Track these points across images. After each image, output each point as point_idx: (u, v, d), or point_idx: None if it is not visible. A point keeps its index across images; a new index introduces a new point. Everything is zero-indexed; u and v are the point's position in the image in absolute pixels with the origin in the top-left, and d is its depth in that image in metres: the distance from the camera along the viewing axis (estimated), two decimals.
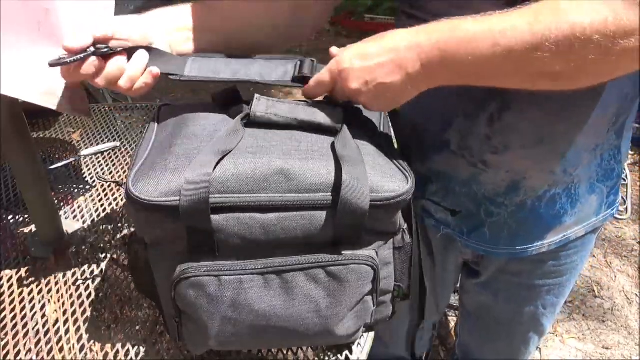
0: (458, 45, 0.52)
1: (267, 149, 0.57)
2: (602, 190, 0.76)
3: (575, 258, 0.83)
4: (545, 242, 0.77)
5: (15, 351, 0.70)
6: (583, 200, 0.74)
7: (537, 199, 0.72)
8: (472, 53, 0.51)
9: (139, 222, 0.58)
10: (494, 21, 0.51)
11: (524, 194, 0.72)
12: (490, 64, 0.52)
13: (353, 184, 0.53)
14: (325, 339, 0.62)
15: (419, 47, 0.54)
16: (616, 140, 0.71)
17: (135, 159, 0.60)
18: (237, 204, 0.54)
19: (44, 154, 1.16)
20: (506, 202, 0.73)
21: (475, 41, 0.51)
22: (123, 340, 0.72)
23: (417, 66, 0.54)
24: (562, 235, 0.77)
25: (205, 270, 0.55)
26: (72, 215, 0.98)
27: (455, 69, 0.54)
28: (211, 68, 0.65)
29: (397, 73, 0.55)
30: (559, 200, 0.73)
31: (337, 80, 0.59)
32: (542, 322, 0.92)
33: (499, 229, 0.76)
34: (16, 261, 0.86)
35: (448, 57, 0.53)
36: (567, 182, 0.71)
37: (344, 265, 0.56)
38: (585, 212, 0.76)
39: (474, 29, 0.51)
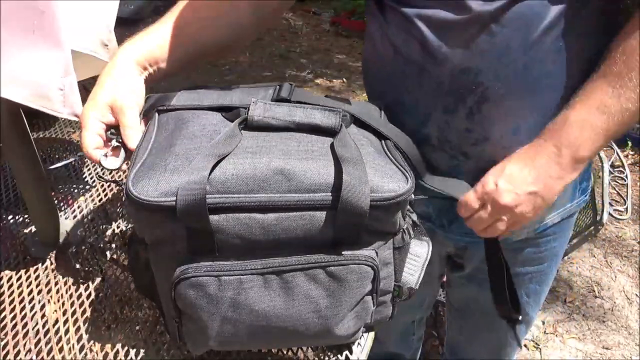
0: (582, 136, 0.62)
1: (267, 149, 0.57)
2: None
3: (555, 244, 0.86)
4: (523, 229, 0.79)
5: (15, 351, 0.70)
6: None
7: None
8: (595, 132, 0.61)
9: (139, 222, 0.58)
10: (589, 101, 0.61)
11: None
12: (613, 130, 0.61)
13: (353, 184, 0.53)
14: (325, 339, 0.62)
15: (560, 165, 0.63)
16: None
17: (135, 159, 0.60)
18: (236, 204, 0.53)
19: (44, 154, 1.16)
20: None
21: (589, 125, 0.61)
22: (123, 340, 0.72)
23: (558, 171, 0.64)
24: (540, 221, 0.80)
25: (205, 271, 0.55)
26: (72, 215, 0.98)
27: (589, 154, 0.63)
28: (195, 98, 0.68)
29: (548, 179, 0.64)
30: None
31: (485, 199, 0.66)
32: (527, 311, 0.93)
33: None
34: (16, 261, 0.86)
35: (580, 150, 0.62)
36: None
37: (344, 265, 0.56)
38: (560, 198, 0.78)
39: (581, 117, 0.61)
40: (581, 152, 0.62)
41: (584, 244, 1.49)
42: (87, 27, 0.74)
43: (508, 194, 0.64)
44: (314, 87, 3.80)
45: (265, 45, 4.51)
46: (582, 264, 2.10)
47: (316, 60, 4.27)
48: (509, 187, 0.64)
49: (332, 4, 5.39)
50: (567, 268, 2.07)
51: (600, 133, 0.61)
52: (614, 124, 0.60)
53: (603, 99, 0.60)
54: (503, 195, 0.64)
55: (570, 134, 0.61)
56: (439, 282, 1.09)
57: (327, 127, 0.62)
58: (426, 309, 1.20)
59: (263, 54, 4.32)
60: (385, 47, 0.72)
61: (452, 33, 0.64)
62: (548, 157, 0.63)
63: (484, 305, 0.94)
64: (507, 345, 1.02)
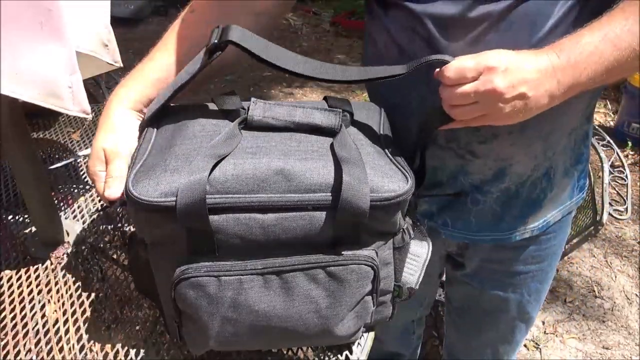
0: (587, 60, 0.57)
1: (267, 149, 0.57)
2: (574, 174, 0.80)
3: (554, 242, 0.86)
4: (527, 227, 0.80)
5: (15, 351, 0.70)
6: (559, 183, 0.78)
7: (521, 184, 0.75)
8: (599, 62, 0.57)
9: (138, 222, 0.58)
10: (604, 28, 0.57)
11: (509, 180, 0.74)
12: (612, 67, 0.57)
13: (354, 184, 0.53)
14: (325, 339, 0.62)
15: (557, 70, 0.57)
16: (586, 124, 0.76)
17: (135, 160, 0.60)
18: (236, 204, 0.54)
19: (44, 154, 1.16)
20: (492, 189, 0.75)
21: (599, 52, 0.56)
22: (123, 340, 0.72)
23: (555, 87, 0.58)
24: (543, 219, 0.80)
25: (205, 271, 0.55)
26: (72, 215, 0.98)
27: (585, 81, 0.58)
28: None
29: (542, 90, 0.58)
30: (539, 184, 0.76)
31: (482, 73, 0.56)
32: (527, 309, 0.94)
33: (484, 216, 0.78)
34: (16, 261, 0.86)
35: (582, 75, 0.57)
36: (546, 166, 0.74)
37: (344, 266, 0.56)
38: (560, 195, 0.80)
39: (593, 41, 0.57)
40: (582, 77, 0.58)
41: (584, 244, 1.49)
42: (87, 28, 0.74)
43: (505, 78, 0.56)
44: (314, 87, 3.80)
45: None
46: (582, 264, 2.10)
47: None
48: (508, 74, 0.56)
49: (332, 4, 5.39)
50: (567, 268, 2.07)
51: (604, 65, 0.57)
52: (618, 60, 0.58)
53: (617, 31, 0.57)
54: (500, 77, 0.55)
55: (579, 55, 0.57)
56: (439, 281, 1.09)
57: (327, 128, 0.62)
58: (426, 307, 1.19)
59: None
60: (389, 47, 0.71)
61: (459, 31, 0.64)
62: (552, 69, 0.57)
63: (484, 304, 0.95)
64: (507, 345, 1.02)
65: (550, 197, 0.78)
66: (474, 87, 0.56)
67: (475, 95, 0.56)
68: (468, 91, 0.56)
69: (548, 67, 0.56)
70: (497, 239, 0.81)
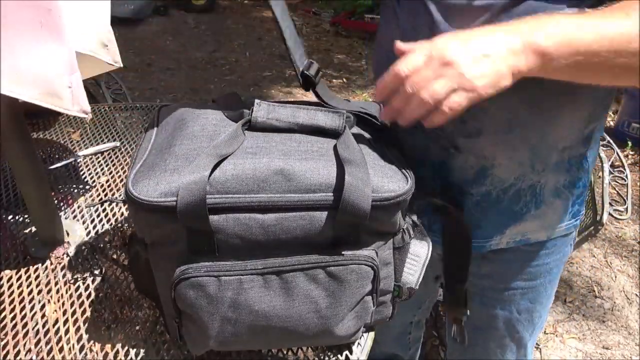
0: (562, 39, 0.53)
1: (267, 149, 0.57)
2: (567, 197, 0.75)
3: (548, 260, 0.82)
4: (504, 236, 0.77)
5: (15, 351, 0.70)
6: (548, 202, 0.74)
7: (502, 191, 0.73)
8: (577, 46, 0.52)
9: (138, 222, 0.58)
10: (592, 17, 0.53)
11: (491, 184, 0.72)
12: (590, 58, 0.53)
13: (356, 185, 0.53)
14: (325, 339, 0.62)
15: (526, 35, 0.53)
16: (583, 147, 0.72)
17: (135, 159, 0.60)
18: (236, 204, 0.54)
19: (44, 154, 1.16)
20: (472, 190, 0.73)
21: (580, 35, 0.52)
22: (123, 340, 0.72)
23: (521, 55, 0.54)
24: (522, 234, 0.77)
25: (205, 271, 0.55)
26: (72, 215, 0.98)
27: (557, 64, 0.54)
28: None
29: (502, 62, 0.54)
30: (524, 197, 0.73)
31: (432, 54, 0.54)
32: (517, 328, 0.90)
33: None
34: (16, 261, 0.86)
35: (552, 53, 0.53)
36: (533, 179, 0.72)
37: (344, 266, 0.56)
38: (549, 216, 0.76)
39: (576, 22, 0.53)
40: (538, 38, 0.53)
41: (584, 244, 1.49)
42: (87, 28, 0.74)
43: (458, 48, 0.53)
44: None
45: (265, 45, 4.51)
46: (582, 264, 2.10)
47: (316, 60, 4.23)
48: (461, 45, 0.54)
49: (332, 4, 5.39)
50: (567, 268, 2.07)
51: (566, 35, 0.53)
52: (583, 39, 0.53)
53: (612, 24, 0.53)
54: (452, 48, 0.53)
55: (535, 17, 0.54)
56: (437, 283, 1.07)
57: (331, 129, 0.62)
58: (425, 310, 1.17)
59: (263, 54, 4.32)
60: (395, 33, 0.70)
61: (461, 19, 0.63)
62: (508, 29, 0.54)
63: (474, 319, 0.91)
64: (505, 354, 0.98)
65: (535, 213, 0.75)
66: (432, 70, 0.54)
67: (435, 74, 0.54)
68: (428, 75, 0.55)
69: (501, 33, 0.54)
70: (473, 248, 0.78)
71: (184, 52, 4.20)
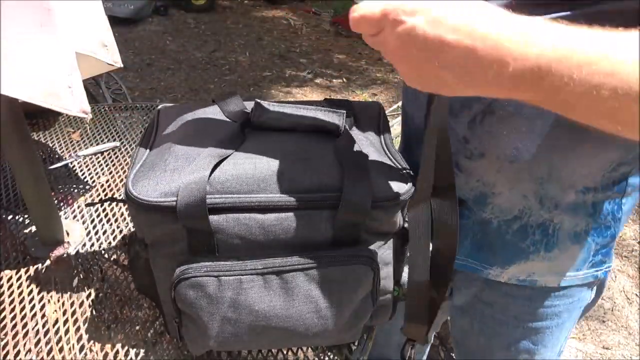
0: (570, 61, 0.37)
1: (267, 149, 0.58)
2: (589, 245, 0.67)
3: (557, 303, 0.73)
4: (505, 271, 0.70)
5: (15, 351, 0.70)
6: (562, 247, 0.67)
7: (505, 223, 0.67)
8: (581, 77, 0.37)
9: (138, 222, 0.58)
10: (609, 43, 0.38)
11: (491, 212, 0.67)
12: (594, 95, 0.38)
13: (355, 185, 0.53)
14: (325, 339, 0.62)
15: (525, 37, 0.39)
16: (616, 193, 0.63)
17: (134, 159, 0.60)
18: (236, 204, 0.54)
19: (44, 154, 1.16)
20: (471, 214, 0.69)
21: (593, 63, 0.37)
22: (123, 340, 0.72)
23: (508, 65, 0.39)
24: (528, 274, 0.70)
25: (205, 271, 0.55)
26: (72, 215, 0.98)
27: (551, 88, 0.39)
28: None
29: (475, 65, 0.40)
30: (531, 234, 0.67)
31: (386, 24, 0.42)
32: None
33: (463, 236, 0.71)
34: (16, 261, 0.86)
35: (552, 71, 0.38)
36: (544, 217, 0.65)
37: (344, 266, 0.56)
38: (562, 261, 0.68)
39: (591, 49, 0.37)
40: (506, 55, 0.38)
41: None
42: (87, 28, 0.74)
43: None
44: (314, 87, 3.80)
45: (265, 45, 4.51)
46: None
47: (316, 60, 4.27)
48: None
49: (332, 4, 5.39)
50: None
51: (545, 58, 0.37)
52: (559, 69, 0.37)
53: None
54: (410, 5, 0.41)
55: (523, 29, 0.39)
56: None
57: (331, 128, 0.62)
58: (434, 327, 1.04)
59: (263, 54, 4.32)
60: None
61: None
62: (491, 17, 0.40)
63: (472, 345, 0.86)
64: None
65: (544, 255, 0.68)
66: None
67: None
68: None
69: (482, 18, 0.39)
70: (469, 267, 0.73)
71: (184, 52, 4.20)
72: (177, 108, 0.69)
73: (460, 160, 0.66)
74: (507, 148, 0.61)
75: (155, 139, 0.64)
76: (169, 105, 0.72)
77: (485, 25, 0.39)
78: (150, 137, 0.65)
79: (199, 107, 0.68)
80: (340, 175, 0.55)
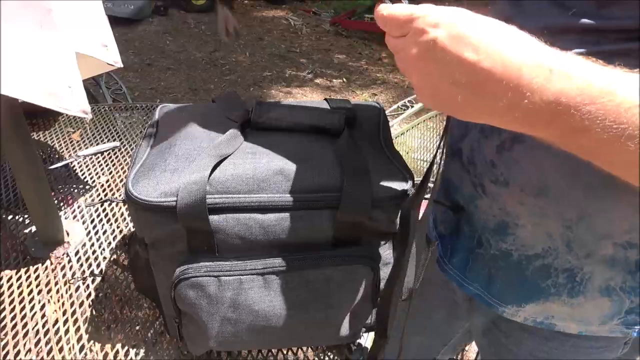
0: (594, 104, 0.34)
1: (267, 149, 0.58)
2: (622, 302, 0.60)
3: (578, 350, 0.67)
4: (521, 310, 0.65)
5: (15, 351, 0.70)
6: (589, 296, 0.60)
7: (526, 259, 0.62)
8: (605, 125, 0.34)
9: (138, 222, 0.58)
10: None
11: (512, 243, 0.62)
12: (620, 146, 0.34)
13: (355, 185, 0.53)
14: (325, 339, 0.62)
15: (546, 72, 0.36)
16: None
17: (134, 159, 0.60)
18: (236, 204, 0.54)
19: (44, 154, 1.16)
20: (492, 241, 0.64)
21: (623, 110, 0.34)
22: (123, 340, 0.72)
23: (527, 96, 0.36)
24: (546, 316, 0.64)
25: (205, 271, 0.55)
26: (72, 215, 0.98)
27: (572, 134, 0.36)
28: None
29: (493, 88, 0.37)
30: (554, 276, 0.61)
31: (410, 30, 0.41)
32: None
33: (481, 265, 0.67)
34: (16, 261, 0.86)
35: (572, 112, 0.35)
36: (571, 262, 0.58)
37: (344, 266, 0.56)
38: (586, 310, 0.61)
39: (620, 97, 0.34)
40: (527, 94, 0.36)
41: None
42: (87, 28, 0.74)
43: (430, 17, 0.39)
44: (314, 87, 3.81)
45: (265, 45, 4.51)
46: None
47: (316, 60, 4.27)
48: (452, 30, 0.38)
49: (332, 4, 5.40)
50: None
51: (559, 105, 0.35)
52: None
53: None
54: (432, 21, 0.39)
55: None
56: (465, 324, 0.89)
57: (330, 128, 0.62)
58: (450, 350, 1.00)
59: (263, 54, 4.32)
60: None
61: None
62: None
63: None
64: None
65: (566, 300, 0.61)
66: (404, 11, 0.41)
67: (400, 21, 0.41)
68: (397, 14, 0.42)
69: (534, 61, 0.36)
70: (483, 300, 0.68)
71: (184, 52, 4.20)
72: (177, 108, 0.69)
73: (485, 183, 0.62)
74: (532, 180, 0.56)
75: (155, 139, 0.64)
76: (169, 105, 0.72)
77: (508, 49, 0.37)
78: (151, 137, 0.65)
79: (199, 107, 0.68)
80: (340, 175, 0.55)
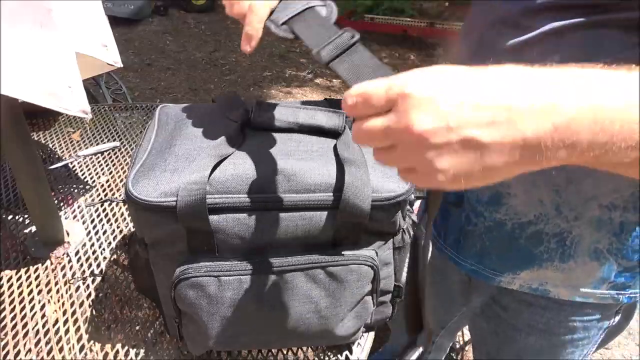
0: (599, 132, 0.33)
1: (267, 149, 0.58)
2: (610, 265, 0.63)
3: (573, 318, 0.70)
4: (516, 277, 0.68)
5: (15, 351, 0.70)
6: (579, 260, 0.64)
7: (519, 226, 0.65)
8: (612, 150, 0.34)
9: (138, 222, 0.58)
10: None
11: (505, 213, 0.65)
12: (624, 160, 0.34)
13: (356, 185, 0.53)
14: (325, 339, 0.62)
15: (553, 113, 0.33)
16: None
17: (135, 159, 0.60)
18: (236, 204, 0.54)
19: (44, 154, 1.16)
20: (486, 213, 0.67)
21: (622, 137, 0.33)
22: (123, 340, 0.72)
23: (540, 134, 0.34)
24: (540, 282, 0.67)
25: (205, 271, 0.55)
26: (72, 215, 0.98)
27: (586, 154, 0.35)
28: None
29: (506, 132, 0.33)
30: (546, 242, 0.64)
31: (396, 103, 0.35)
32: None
33: (472, 242, 0.70)
34: (16, 261, 0.86)
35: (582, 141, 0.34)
36: (561, 226, 0.62)
37: (344, 266, 0.56)
38: (577, 274, 0.65)
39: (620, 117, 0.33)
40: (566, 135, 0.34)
41: None
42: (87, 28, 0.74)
43: (428, 113, 0.33)
44: (314, 87, 3.81)
45: (265, 45, 4.51)
46: None
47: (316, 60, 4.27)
48: (433, 105, 0.34)
49: None
50: None
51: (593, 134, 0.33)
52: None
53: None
54: (418, 110, 0.34)
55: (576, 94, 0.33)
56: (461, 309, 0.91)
57: (331, 129, 0.62)
58: (449, 334, 1.03)
59: (263, 54, 4.32)
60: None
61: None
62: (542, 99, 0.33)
63: (485, 346, 0.85)
64: None
65: (558, 266, 0.65)
66: (384, 122, 0.36)
67: (387, 135, 0.36)
68: (376, 127, 0.36)
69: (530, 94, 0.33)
70: (480, 275, 0.71)
71: (184, 52, 4.20)
72: (177, 108, 0.69)
73: (481, 208, 0.65)
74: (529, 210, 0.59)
75: (155, 139, 0.64)
76: (169, 105, 0.72)
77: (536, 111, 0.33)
78: (151, 137, 0.65)
79: (199, 107, 0.68)
80: (340, 175, 0.55)
